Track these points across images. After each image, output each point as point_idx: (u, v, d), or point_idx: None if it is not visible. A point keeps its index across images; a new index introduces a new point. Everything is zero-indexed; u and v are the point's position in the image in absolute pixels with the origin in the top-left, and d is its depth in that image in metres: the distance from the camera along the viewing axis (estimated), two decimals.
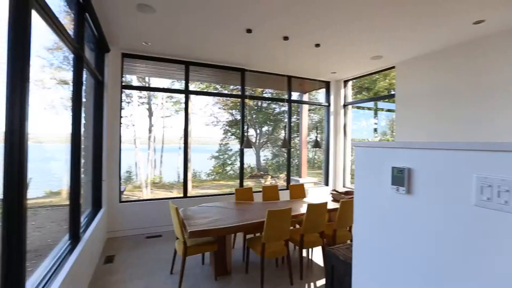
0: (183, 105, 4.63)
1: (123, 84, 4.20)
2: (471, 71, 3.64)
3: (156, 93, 10.34)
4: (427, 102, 4.16)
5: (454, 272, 0.90)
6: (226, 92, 9.70)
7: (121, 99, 4.13)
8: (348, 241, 3.17)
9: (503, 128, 3.31)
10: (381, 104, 6.65)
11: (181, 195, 4.59)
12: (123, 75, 4.23)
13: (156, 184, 10.49)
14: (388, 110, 6.59)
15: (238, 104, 5.20)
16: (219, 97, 11.11)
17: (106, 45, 3.70)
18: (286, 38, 3.60)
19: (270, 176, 11.21)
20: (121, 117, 4.13)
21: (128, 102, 9.65)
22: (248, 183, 10.35)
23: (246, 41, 3.72)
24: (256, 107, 11.62)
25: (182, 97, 4.57)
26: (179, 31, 3.42)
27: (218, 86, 10.02)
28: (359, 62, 4.71)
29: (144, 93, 10.20)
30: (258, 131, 11.96)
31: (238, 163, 5.15)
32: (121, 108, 4.13)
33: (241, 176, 5.08)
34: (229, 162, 11.53)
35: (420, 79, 4.28)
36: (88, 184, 3.47)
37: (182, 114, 4.58)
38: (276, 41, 3.73)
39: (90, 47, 3.32)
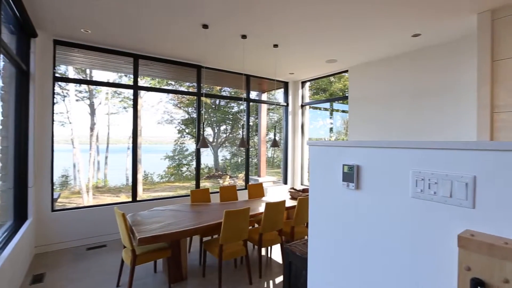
0: (132, 102, 4.28)
1: (56, 75, 3.68)
2: (412, 78, 4.07)
3: (100, 87, 9.15)
4: (376, 104, 4.54)
5: (398, 256, 0.98)
6: (182, 89, 9.30)
7: (53, 92, 3.61)
8: (306, 237, 3.26)
9: (438, 129, 3.78)
10: (336, 105, 7.02)
11: (130, 199, 4.26)
12: (56, 65, 3.69)
13: (100, 189, 9.41)
14: (343, 111, 6.99)
15: (195, 101, 5.01)
16: (174, 94, 10.59)
17: (32, 29, 3.12)
18: (244, 36, 3.57)
19: (228, 176, 11.11)
20: (53, 113, 3.61)
21: (64, 96, 8.29)
22: (205, 184, 10.11)
23: (202, 37, 3.59)
24: (213, 106, 11.41)
25: (131, 92, 4.23)
26: (126, 20, 3.14)
27: (173, 82, 9.57)
28: (316, 65, 4.90)
29: (85, 87, 8.92)
30: (216, 130, 11.76)
31: (194, 164, 4.97)
32: (53, 103, 3.61)
33: (198, 177, 4.93)
34: (185, 163, 11.12)
35: (369, 83, 4.64)
36: (8, 193, 2.95)
37: (131, 111, 4.23)
38: (234, 39, 3.68)
39: (9, 29, 2.81)
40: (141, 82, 7.72)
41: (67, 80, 5.14)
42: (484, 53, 2.96)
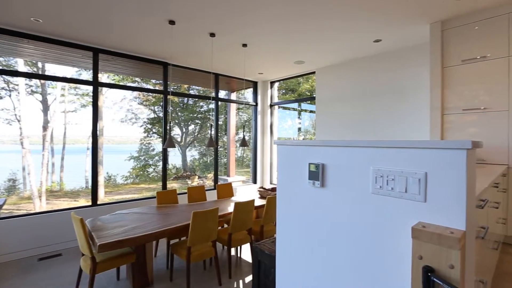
0: (92, 99, 4.01)
1: None
2: (373, 80, 4.34)
3: (55, 82, 8.18)
4: (341, 104, 4.75)
5: (359, 248, 1.03)
6: (148, 86, 8.89)
7: None
8: (275, 235, 3.31)
9: (398, 129, 4.06)
10: (304, 105, 7.21)
11: (90, 203, 3.99)
12: (0, 56, 3.32)
13: (55, 193, 8.53)
14: (311, 111, 7.19)
15: (161, 100, 4.83)
16: (139, 92, 10.09)
17: None
18: (212, 34, 3.51)
19: (197, 177, 10.88)
20: None
21: (10, 91, 7.28)
22: (173, 184, 9.80)
23: (168, 33, 3.48)
24: (181, 104, 11.10)
25: (90, 89, 3.96)
26: (83, 11, 2.93)
27: (138, 80, 9.11)
28: (284, 65, 4.98)
29: (36, 81, 7.92)
30: (184, 130, 11.45)
31: (161, 164, 4.80)
32: None
33: (165, 177, 4.77)
34: (152, 163, 10.68)
35: (335, 84, 4.84)
36: None
37: (90, 109, 3.95)
38: (202, 37, 3.61)
39: None
40: (104, 78, 7.23)
41: (13, 73, 4.59)
42: (435, 60, 3.23)
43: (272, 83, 6.21)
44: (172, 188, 4.98)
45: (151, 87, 8.61)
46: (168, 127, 4.61)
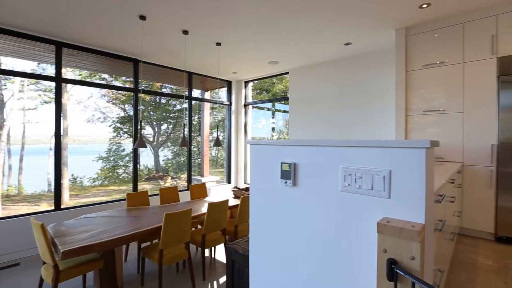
0: (54, 96, 3.75)
1: None
2: (344, 81, 4.49)
3: (12, 77, 7.48)
4: (314, 104, 4.87)
5: (330, 244, 1.07)
6: (117, 84, 8.49)
7: None
8: (249, 235, 3.31)
9: (368, 128, 4.24)
10: (278, 105, 7.29)
11: (53, 207, 3.73)
12: None
13: (12, 198, 7.82)
14: (285, 111, 7.29)
15: (132, 98, 4.64)
16: (108, 89, 9.58)
17: None
18: (185, 32, 3.44)
19: (170, 177, 10.61)
20: None
21: None
22: (145, 186, 9.46)
23: (139, 29, 3.35)
24: (153, 103, 10.74)
25: (53, 85, 3.70)
26: (40, 1, 2.74)
27: (106, 76, 8.65)
28: (259, 65, 5.01)
29: None
30: (156, 129, 11.09)
31: (132, 165, 4.61)
32: None
33: (135, 179, 4.59)
34: (122, 164, 10.22)
35: (308, 85, 4.95)
36: None
37: (53, 106, 3.69)
38: (175, 34, 3.52)
39: None
40: (69, 74, 6.78)
41: None
42: (400, 64, 3.43)
43: (246, 82, 6.22)
44: (143, 189, 4.80)
45: (121, 85, 8.22)
46: (139, 127, 4.43)
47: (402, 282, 0.82)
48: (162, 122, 11.13)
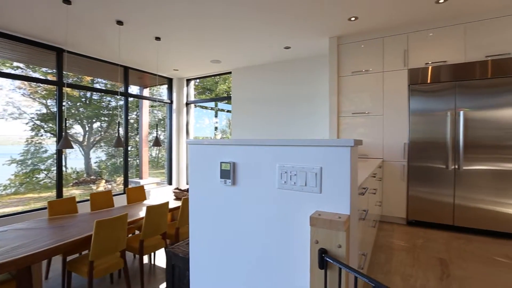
0: None
1: None
2: (285, 84, 4.71)
3: None
4: (255, 105, 4.99)
5: (269, 240, 1.11)
6: (37, 75, 7.30)
7: None
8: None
9: (306, 129, 4.52)
10: (222, 105, 7.24)
11: None
12: None
13: None
14: (228, 111, 7.28)
15: (55, 92, 4.09)
16: (23, 82, 8.20)
17: None
18: (120, 22, 3.17)
19: (104, 181, 9.64)
20: None
21: None
22: (73, 191, 8.39)
23: (63, 14, 2.96)
24: (84, 99, 9.60)
25: None
26: None
27: (22, 66, 7.39)
28: (201, 63, 4.90)
29: None
30: (87, 128, 9.93)
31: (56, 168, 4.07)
32: None
33: (60, 184, 4.06)
34: (43, 168, 8.88)
35: (250, 85, 5.05)
36: None
37: None
38: (107, 24, 3.21)
39: None
40: None
41: None
42: (333, 70, 3.75)
43: (188, 80, 6.04)
44: (71, 195, 4.25)
45: (42, 77, 7.12)
46: (64, 125, 3.93)
47: (331, 268, 0.90)
48: (94, 120, 10.02)
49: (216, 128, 7.59)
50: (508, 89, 2.85)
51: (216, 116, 7.61)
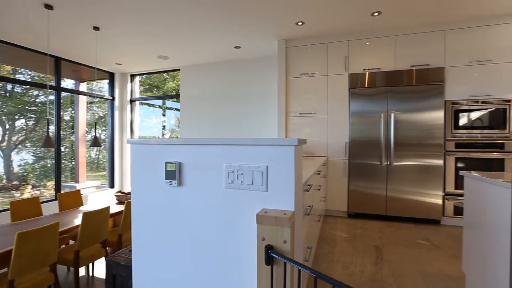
0: None
1: None
2: (235, 83, 4.71)
3: None
4: (205, 103, 4.90)
5: (216, 239, 1.09)
6: None
7: None
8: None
9: (255, 128, 4.59)
10: (170, 103, 6.91)
11: None
12: None
13: None
14: (176, 109, 6.99)
15: None
16: None
17: None
18: (49, 6, 2.80)
19: (30, 186, 8.43)
20: None
21: None
22: None
23: None
24: (3, 92, 8.25)
25: None
26: None
27: None
28: (147, 58, 4.62)
29: None
30: (8, 126, 8.56)
31: None
32: None
33: None
34: None
35: (199, 83, 4.94)
36: None
37: None
38: (33, 6, 2.80)
39: None
40: None
41: None
42: (281, 71, 3.88)
43: (132, 76, 5.64)
44: None
45: None
46: None
47: (277, 263, 0.92)
48: (18, 117, 8.67)
49: (164, 127, 7.23)
50: (428, 95, 3.30)
51: (164, 114, 7.24)
